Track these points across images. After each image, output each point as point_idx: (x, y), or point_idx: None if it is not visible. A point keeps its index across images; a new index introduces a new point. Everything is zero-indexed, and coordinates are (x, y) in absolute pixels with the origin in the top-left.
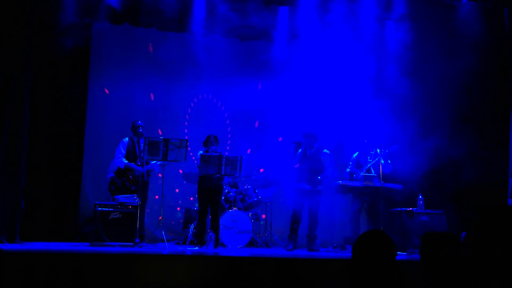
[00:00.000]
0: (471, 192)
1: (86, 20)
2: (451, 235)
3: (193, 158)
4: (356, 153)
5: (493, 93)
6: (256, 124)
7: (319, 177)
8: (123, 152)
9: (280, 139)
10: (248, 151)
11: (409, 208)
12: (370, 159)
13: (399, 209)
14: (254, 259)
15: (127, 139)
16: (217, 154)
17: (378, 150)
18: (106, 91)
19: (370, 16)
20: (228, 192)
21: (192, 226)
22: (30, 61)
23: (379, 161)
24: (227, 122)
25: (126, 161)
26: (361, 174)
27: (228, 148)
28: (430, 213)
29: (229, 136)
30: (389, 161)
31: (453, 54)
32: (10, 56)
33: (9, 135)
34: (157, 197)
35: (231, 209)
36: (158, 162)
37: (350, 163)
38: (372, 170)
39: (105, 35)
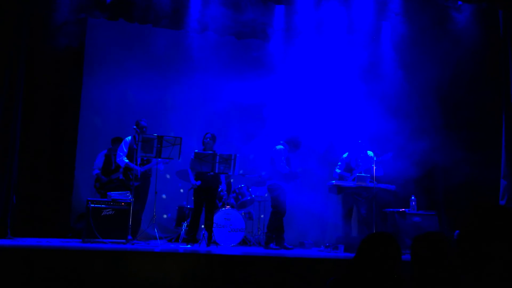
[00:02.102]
0: (463, 194)
1: (80, 15)
2: (440, 234)
3: None
4: (346, 154)
5: (486, 95)
6: (251, 121)
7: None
8: (125, 151)
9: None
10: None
11: (401, 208)
12: (360, 162)
13: (391, 209)
14: (247, 258)
15: (129, 138)
16: (211, 152)
17: (371, 153)
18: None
19: (365, 16)
20: (221, 190)
21: (184, 224)
22: (24, 57)
23: (370, 166)
24: (223, 118)
25: (127, 160)
26: (351, 178)
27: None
28: (423, 214)
29: (225, 132)
30: (382, 167)
31: (447, 56)
32: (2, 52)
33: (0, 131)
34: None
35: (224, 207)
36: (159, 160)
37: (339, 163)
38: (362, 172)
39: (100, 31)
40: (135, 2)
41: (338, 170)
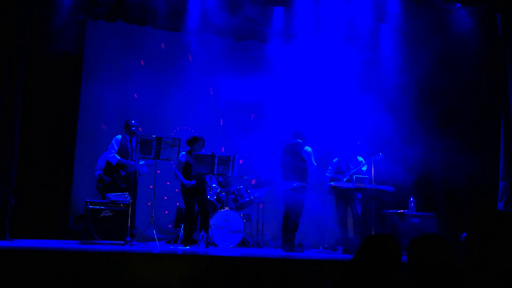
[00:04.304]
0: (462, 195)
1: (79, 16)
2: (435, 236)
3: None
4: (336, 159)
5: (485, 97)
6: (251, 121)
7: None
8: (116, 148)
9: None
10: (241, 161)
11: (400, 210)
12: (351, 165)
13: (390, 211)
14: (245, 259)
15: (120, 136)
16: (209, 153)
17: (361, 158)
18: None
19: (363, 18)
20: (220, 191)
21: (183, 226)
22: (23, 57)
23: (360, 169)
24: (222, 120)
25: (119, 157)
26: (344, 180)
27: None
28: (421, 215)
29: (224, 133)
30: (373, 168)
31: (445, 58)
32: (2, 52)
33: (0, 132)
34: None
35: (223, 208)
36: (143, 162)
37: (329, 167)
38: (354, 175)
39: (99, 32)
40: (133, 3)
41: (328, 174)
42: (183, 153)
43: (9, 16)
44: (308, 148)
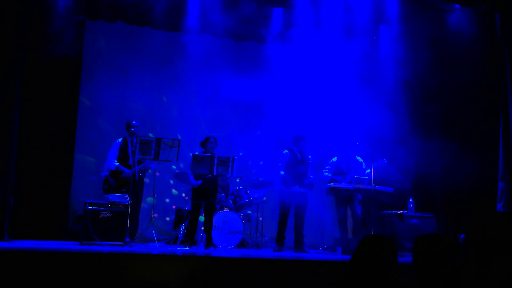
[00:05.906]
0: (461, 196)
1: (79, 17)
2: (445, 237)
3: None
4: (335, 158)
5: (484, 97)
6: (250, 123)
7: (307, 180)
8: (116, 154)
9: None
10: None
11: (399, 211)
12: (351, 166)
13: (389, 212)
14: (245, 260)
15: (120, 140)
16: (209, 154)
17: (360, 159)
18: None
19: (363, 19)
20: (220, 192)
21: (183, 226)
22: (23, 59)
23: (361, 170)
24: (221, 120)
25: (117, 163)
26: (344, 182)
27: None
28: (421, 216)
29: (224, 133)
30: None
31: (444, 59)
32: (2, 52)
33: None
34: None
35: (222, 209)
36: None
37: (328, 166)
38: (354, 176)
39: (98, 33)
40: (133, 4)
41: (327, 174)
42: (196, 153)
43: (9, 16)
44: (283, 152)
